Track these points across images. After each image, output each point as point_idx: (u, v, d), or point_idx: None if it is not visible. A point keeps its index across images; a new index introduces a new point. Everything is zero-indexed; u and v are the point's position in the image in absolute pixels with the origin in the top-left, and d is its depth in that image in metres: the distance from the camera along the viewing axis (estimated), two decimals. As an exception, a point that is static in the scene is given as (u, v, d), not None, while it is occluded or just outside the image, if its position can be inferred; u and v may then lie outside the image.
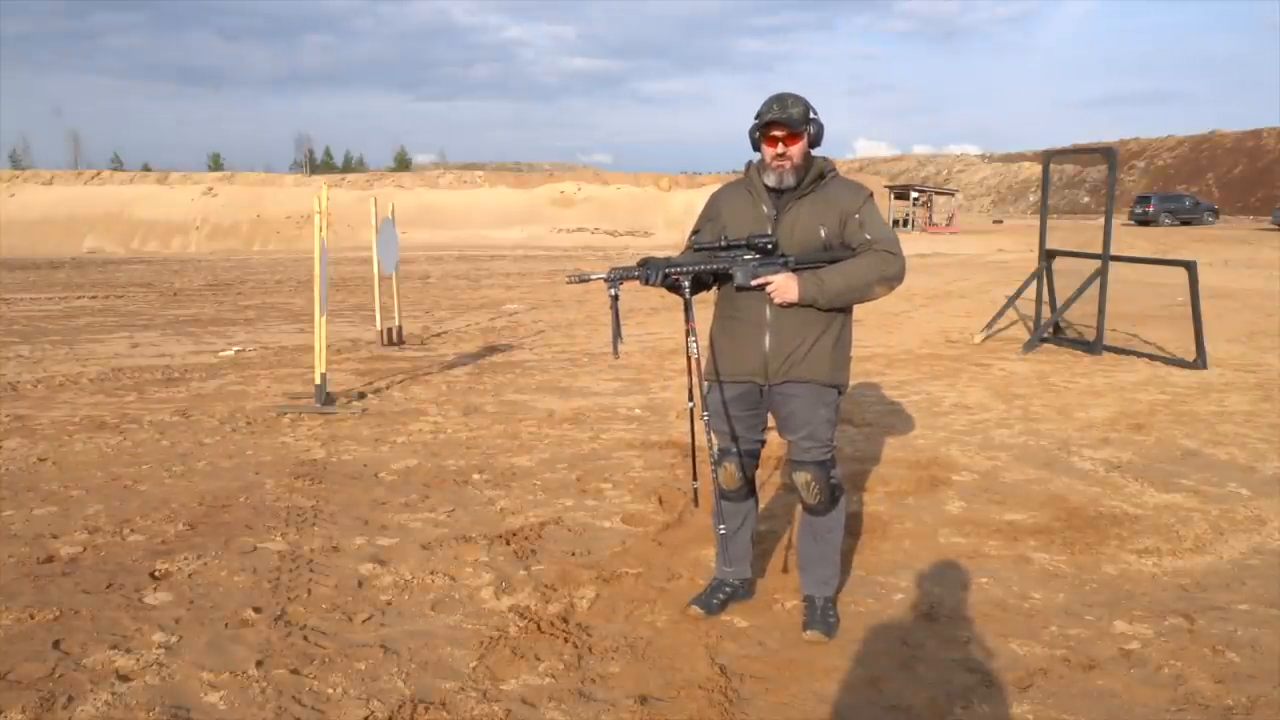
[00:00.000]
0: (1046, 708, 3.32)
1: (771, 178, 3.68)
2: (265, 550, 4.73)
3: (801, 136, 3.63)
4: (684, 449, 6.61)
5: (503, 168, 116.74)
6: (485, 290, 19.46)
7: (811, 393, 3.75)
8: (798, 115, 3.60)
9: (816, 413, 3.77)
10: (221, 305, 16.54)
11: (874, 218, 3.70)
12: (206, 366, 10.13)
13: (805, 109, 3.63)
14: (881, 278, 3.63)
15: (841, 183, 3.74)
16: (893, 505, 5.51)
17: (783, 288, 3.61)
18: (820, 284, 3.60)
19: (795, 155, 3.65)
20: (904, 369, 9.98)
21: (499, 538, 4.93)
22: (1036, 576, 4.47)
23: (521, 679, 3.49)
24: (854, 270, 3.62)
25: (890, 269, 3.63)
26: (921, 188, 56.78)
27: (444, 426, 7.38)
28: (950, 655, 3.70)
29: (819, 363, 3.73)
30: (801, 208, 3.70)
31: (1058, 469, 6.22)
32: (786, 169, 3.66)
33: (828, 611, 3.90)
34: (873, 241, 3.63)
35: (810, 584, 3.96)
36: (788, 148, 3.64)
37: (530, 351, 11.31)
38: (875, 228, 3.67)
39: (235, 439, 6.97)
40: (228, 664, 3.56)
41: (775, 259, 3.65)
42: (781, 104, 3.63)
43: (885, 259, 3.63)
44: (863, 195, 3.71)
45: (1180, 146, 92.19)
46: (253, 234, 39.34)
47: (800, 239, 3.68)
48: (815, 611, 3.89)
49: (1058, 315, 11.35)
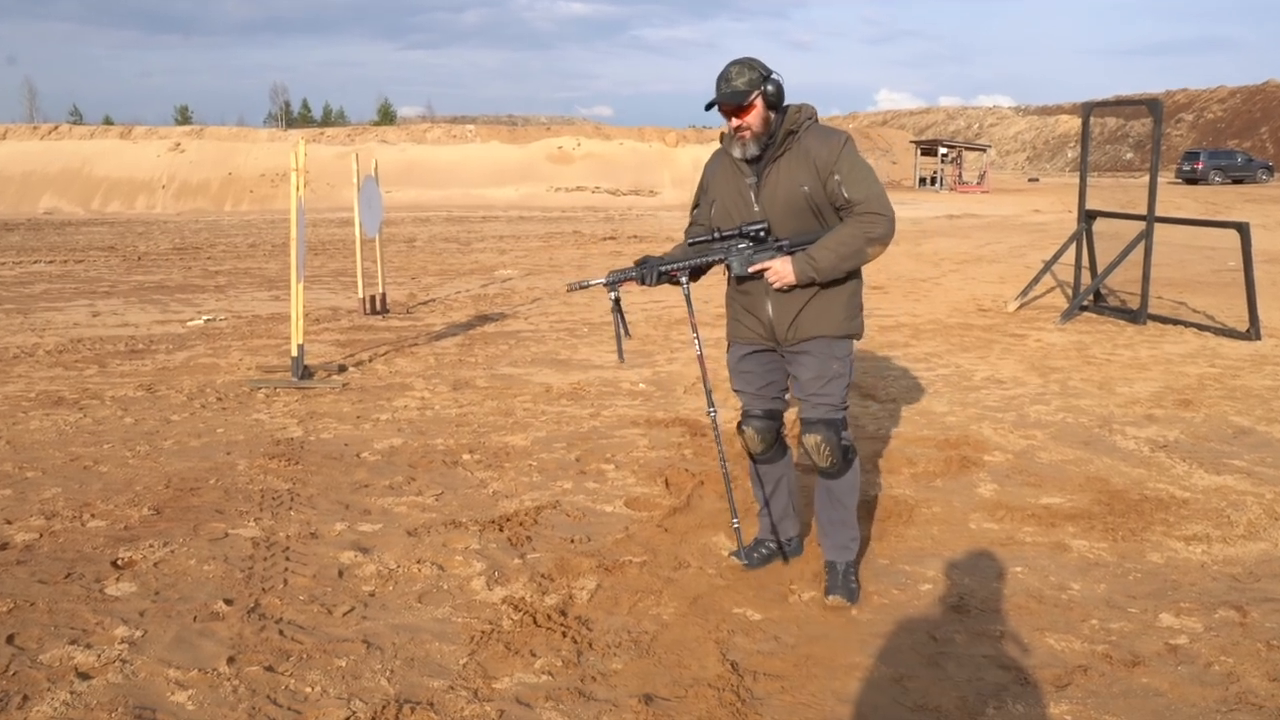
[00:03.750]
0: (1086, 708, 3.30)
1: (736, 149, 3.92)
2: (237, 537, 4.72)
3: (753, 106, 3.83)
4: (693, 427, 6.61)
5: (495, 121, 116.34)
6: (476, 254, 19.41)
7: (821, 347, 3.98)
8: (743, 86, 3.80)
9: (828, 366, 3.98)
10: (190, 271, 16.52)
11: (854, 173, 3.83)
12: (174, 337, 10.11)
13: (751, 75, 3.81)
14: (869, 240, 3.81)
15: (816, 133, 3.89)
16: (919, 488, 5.48)
17: (779, 272, 3.87)
18: (812, 262, 3.83)
19: (754, 123, 3.85)
20: (931, 340, 9.94)
21: (491, 523, 4.92)
22: (1075, 565, 4.45)
23: (516, 677, 3.48)
24: (841, 240, 3.81)
25: (876, 229, 3.80)
26: (950, 143, 56.52)
27: (431, 402, 7.37)
28: (982, 651, 3.68)
29: (826, 316, 3.96)
30: (780, 169, 3.90)
31: (1098, 449, 6.19)
32: (748, 139, 3.87)
33: (849, 577, 4.09)
34: (853, 203, 3.81)
35: (831, 549, 4.15)
36: (742, 119, 3.85)
37: (525, 321, 11.29)
38: (854, 185, 3.82)
39: (205, 416, 6.95)
40: (196, 660, 3.55)
41: (769, 244, 3.91)
42: (726, 80, 3.83)
43: (869, 221, 3.80)
44: (837, 146, 3.84)
45: (1232, 98, 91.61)
46: (224, 193, 39.26)
47: (784, 201, 3.90)
48: (837, 577, 4.09)
49: (1098, 282, 11.29)
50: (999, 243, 21.43)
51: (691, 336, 4.05)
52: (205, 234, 25.16)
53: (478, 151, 43.65)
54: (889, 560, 4.50)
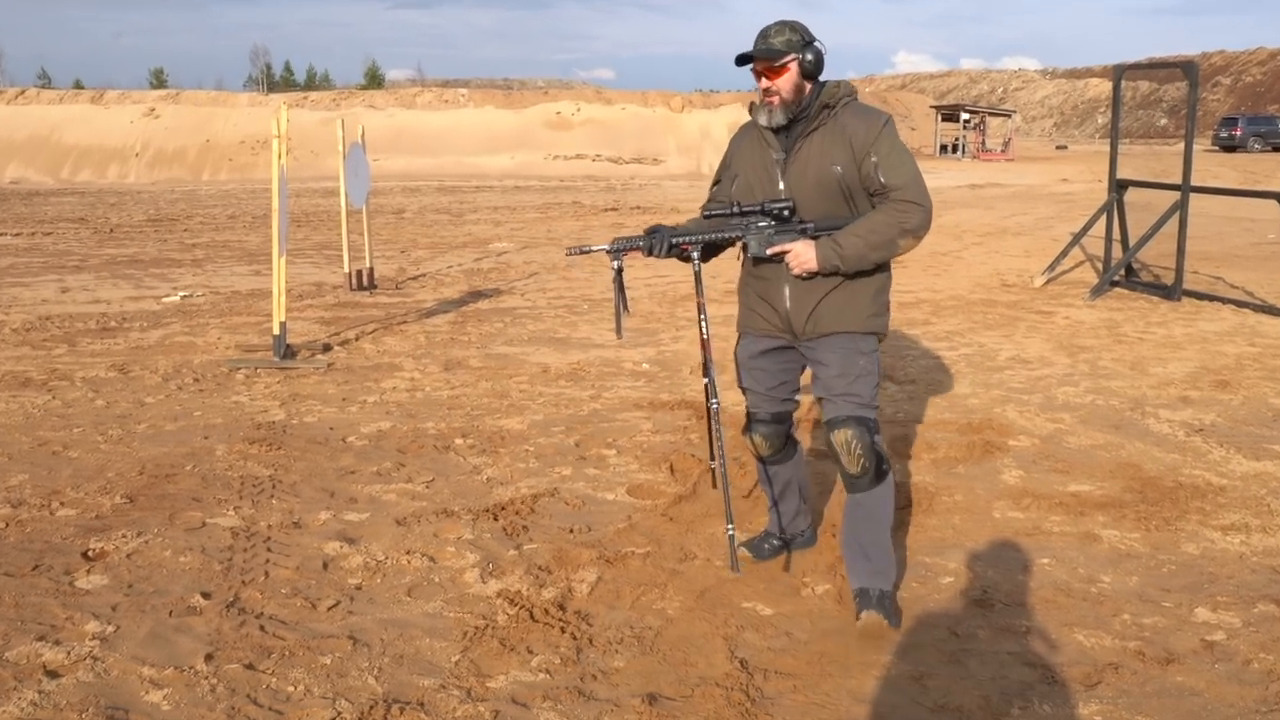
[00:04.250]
0: (1117, 708, 3.30)
1: (762, 115, 3.79)
2: (215, 526, 4.71)
3: (787, 69, 3.71)
4: (699, 410, 6.59)
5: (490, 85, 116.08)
6: (469, 226, 19.38)
7: (844, 343, 3.83)
8: (779, 44, 3.70)
9: (853, 362, 3.83)
10: (165, 244, 16.49)
11: (892, 156, 3.70)
12: (148, 314, 10.11)
13: (791, 37, 3.71)
14: (903, 231, 3.68)
15: (855, 111, 3.77)
16: (940, 474, 5.48)
17: (800, 255, 3.73)
18: (838, 248, 3.69)
19: (784, 89, 3.73)
20: (953, 317, 9.92)
21: (485, 512, 4.91)
22: (1106, 557, 4.45)
23: (511, 675, 3.47)
24: (871, 228, 3.68)
25: (911, 219, 3.67)
26: (973, 108, 56.42)
27: (422, 384, 7.36)
28: (1006, 648, 3.67)
29: (849, 310, 3.82)
30: (811, 145, 3.77)
31: (1130, 432, 6.18)
32: (775, 105, 3.75)
33: (885, 602, 3.81)
34: (889, 189, 3.69)
35: (863, 575, 3.85)
36: (772, 81, 3.73)
37: (522, 297, 11.27)
38: (892, 170, 3.69)
39: (181, 398, 6.95)
40: (172, 658, 3.55)
41: (793, 225, 3.77)
42: (763, 35, 3.73)
43: (904, 210, 3.67)
44: (877, 126, 3.72)
45: (1272, 60, 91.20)
46: (201, 161, 39.18)
47: (814, 181, 3.77)
48: (870, 599, 3.80)
49: (1130, 255, 11.26)
50: (1024, 214, 21.37)
51: (698, 318, 3.94)
52: (181, 205, 25.12)
53: (471, 117, 43.51)
54: (908, 552, 4.50)
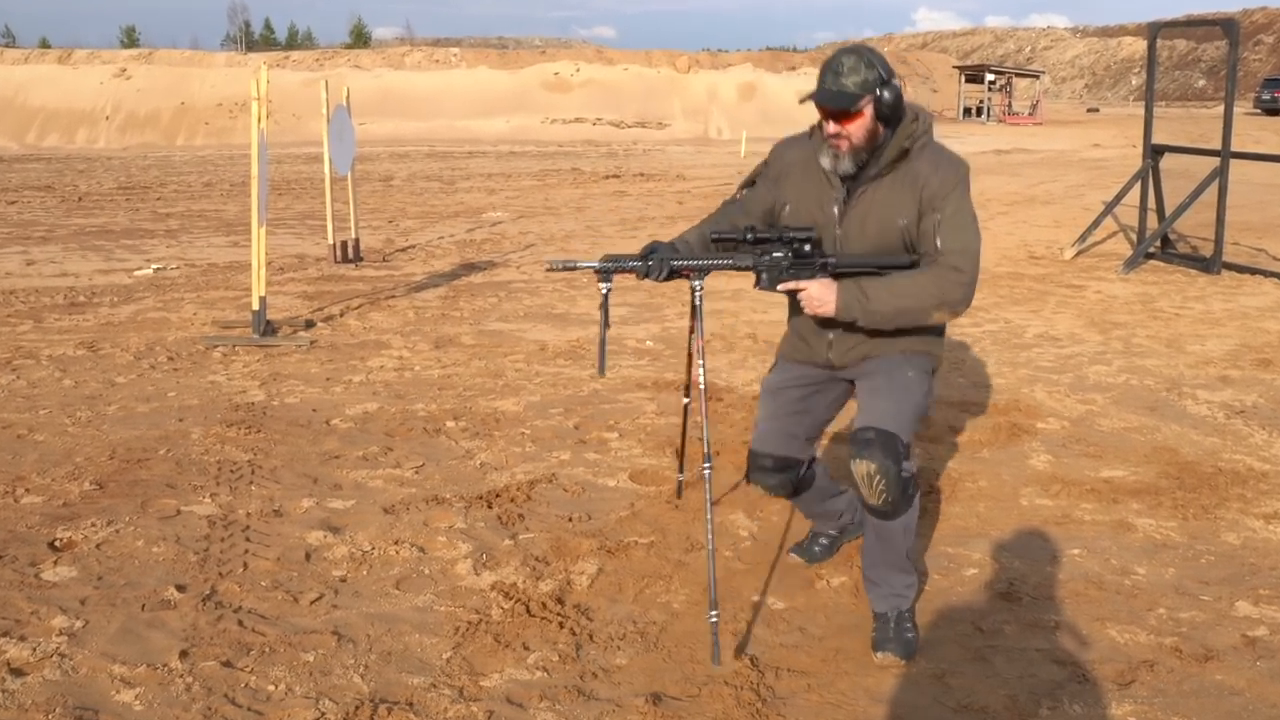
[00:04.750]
0: (1153, 708, 3.29)
1: (826, 158, 3.57)
2: (191, 515, 4.71)
3: (861, 114, 3.46)
4: (707, 390, 6.57)
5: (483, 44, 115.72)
6: (461, 195, 19.34)
7: (893, 359, 3.68)
8: (853, 86, 3.42)
9: (898, 375, 3.65)
10: (137, 213, 16.46)
11: (957, 218, 3.49)
12: (119, 289, 10.09)
13: (867, 75, 3.42)
14: (941, 303, 3.50)
15: (932, 157, 3.54)
16: (964, 459, 5.47)
17: (817, 297, 3.51)
18: (864, 300, 3.48)
19: (855, 135, 3.48)
20: (978, 291, 9.84)
21: (479, 499, 4.91)
22: (1140, 547, 4.44)
23: (506, 673, 3.47)
24: (909, 289, 3.48)
25: (955, 292, 3.48)
26: (999, 69, 56.22)
27: (411, 362, 7.35)
28: (1034, 644, 3.67)
29: (901, 337, 3.65)
30: (878, 192, 3.56)
31: (1166, 414, 6.18)
32: (844, 151, 3.52)
33: (904, 626, 3.68)
34: (943, 252, 3.49)
35: (880, 599, 3.73)
36: (842, 126, 3.48)
37: (517, 270, 11.25)
38: (953, 233, 3.49)
39: (154, 378, 6.94)
40: (145, 655, 3.54)
41: (812, 259, 3.54)
42: (833, 72, 3.45)
43: (950, 279, 3.48)
44: (952, 180, 3.51)
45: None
46: (175, 126, 39.10)
47: (876, 231, 3.56)
48: (888, 628, 3.68)
49: (1166, 225, 11.23)
50: (1053, 181, 21.32)
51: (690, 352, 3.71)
52: (155, 171, 25.08)
53: (463, 78, 43.40)
54: (930, 542, 4.49)
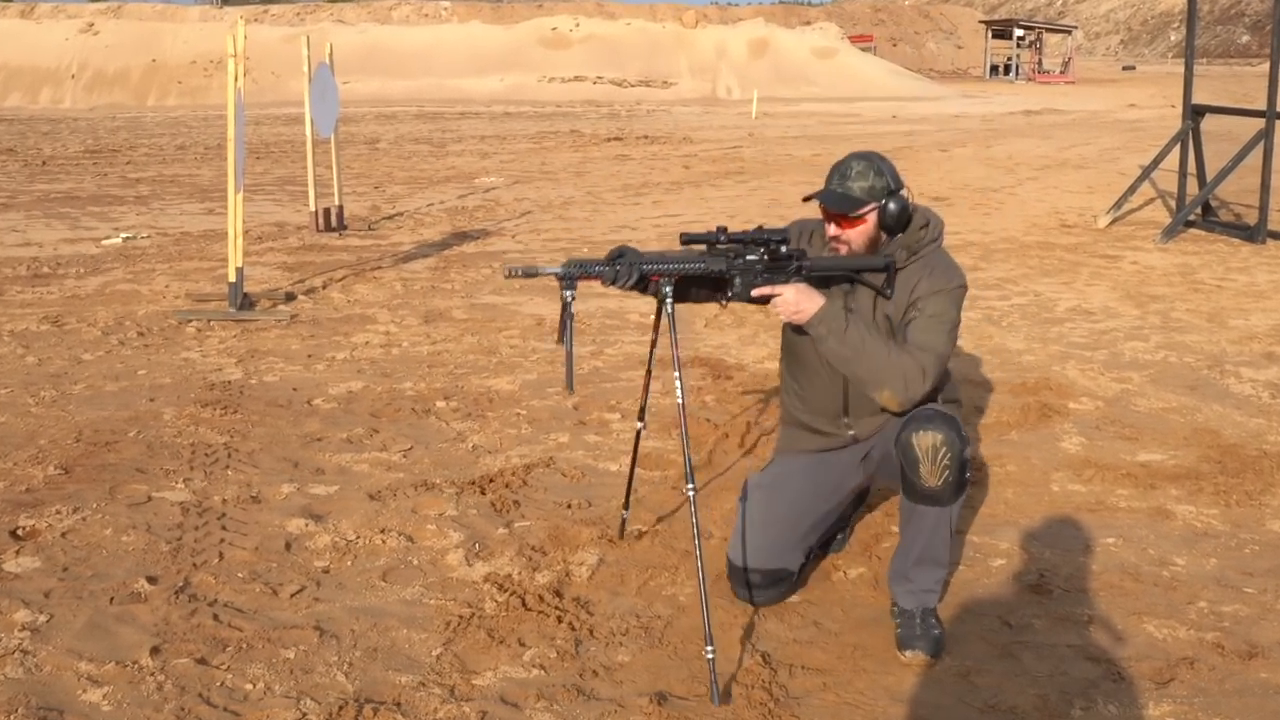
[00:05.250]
0: (1193, 708, 3.28)
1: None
2: (163, 501, 4.70)
3: (864, 220, 3.61)
4: (714, 368, 6.58)
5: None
6: (453, 159, 19.32)
7: None
8: (859, 192, 3.58)
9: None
10: (105, 178, 16.45)
11: (934, 320, 3.59)
12: (86, 259, 10.08)
13: (875, 183, 3.58)
14: (899, 390, 3.55)
15: (933, 264, 3.68)
16: (991, 442, 5.46)
17: (793, 302, 3.54)
18: (843, 328, 3.54)
19: (856, 240, 3.64)
20: (1005, 262, 9.89)
21: (471, 485, 4.90)
22: (1180, 536, 4.43)
23: (501, 671, 3.46)
24: (882, 357, 3.54)
25: (915, 388, 3.55)
26: (1028, 23, 56.06)
27: (398, 338, 7.34)
28: (1066, 640, 3.66)
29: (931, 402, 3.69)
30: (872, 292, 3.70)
31: (1208, 394, 6.16)
32: (843, 255, 3.68)
33: (930, 622, 3.64)
34: (908, 344, 3.58)
35: (908, 595, 3.68)
36: (843, 230, 3.64)
37: (512, 239, 11.24)
38: (924, 332, 3.59)
39: (123, 354, 6.93)
40: (113, 651, 3.53)
41: (789, 261, 3.58)
42: (841, 175, 3.61)
43: (916, 375, 3.54)
44: (944, 288, 3.63)
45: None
46: (146, 85, 39.04)
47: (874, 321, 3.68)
48: (914, 624, 3.63)
49: (1207, 192, 11.19)
50: (1087, 144, 21.27)
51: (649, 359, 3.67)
52: (124, 134, 25.05)
53: (454, 34, 43.29)
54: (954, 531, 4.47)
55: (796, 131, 25.88)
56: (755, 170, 17.65)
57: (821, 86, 42.24)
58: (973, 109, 34.15)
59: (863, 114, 32.45)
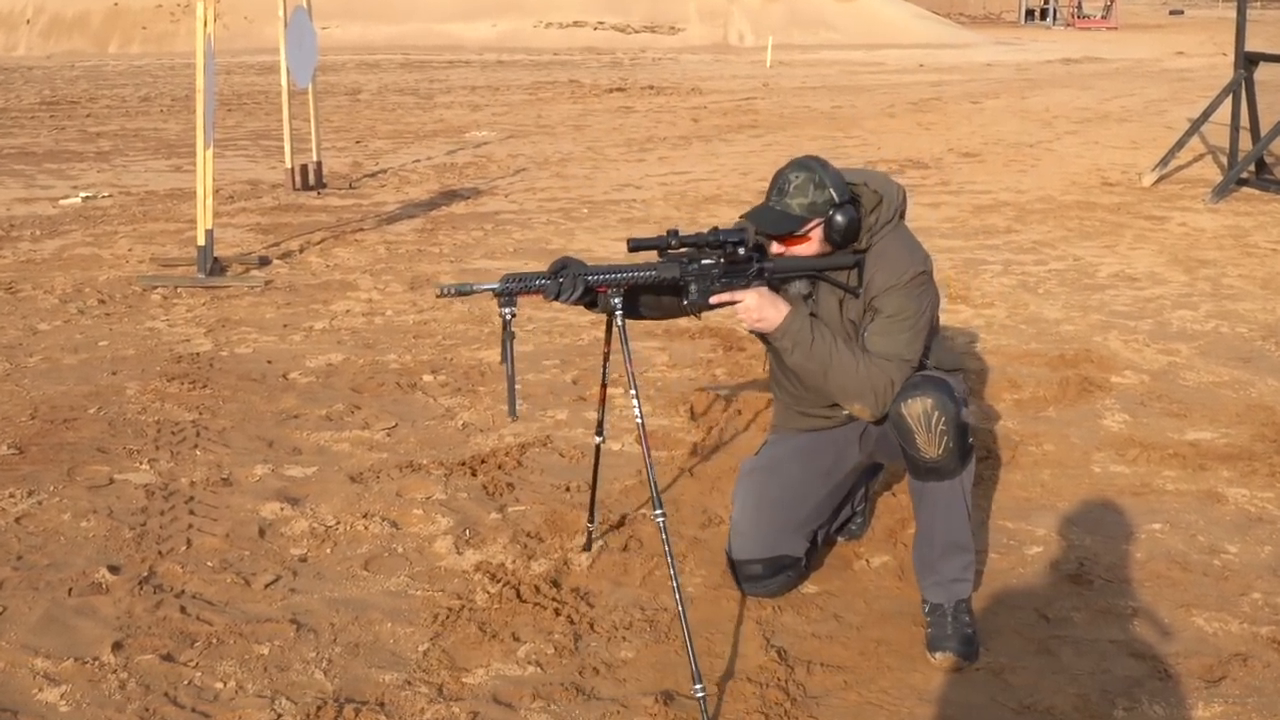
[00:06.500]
0: (1246, 708, 3.28)
1: None
2: (126, 484, 4.70)
3: (807, 238, 3.57)
4: (725, 339, 6.57)
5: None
6: (441, 111, 19.28)
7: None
8: (798, 209, 3.52)
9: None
10: (63, 132, 16.42)
11: (893, 320, 3.56)
12: (41, 220, 10.07)
13: (815, 198, 3.52)
14: (869, 404, 3.55)
15: (882, 253, 3.62)
16: (1026, 419, 5.45)
17: (755, 309, 3.51)
18: (810, 341, 3.53)
19: (804, 253, 3.61)
20: (1041, 223, 9.87)
21: (461, 466, 4.91)
22: (1232, 521, 4.42)
23: (493, 668, 3.47)
24: (850, 370, 3.53)
25: (883, 400, 3.53)
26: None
27: (382, 306, 7.34)
28: (1108, 635, 3.66)
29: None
30: (833, 295, 3.68)
31: (1262, 367, 6.16)
32: None
33: (961, 618, 3.60)
34: (870, 353, 3.56)
35: (935, 588, 3.65)
36: (788, 247, 3.60)
37: (506, 199, 11.22)
38: (884, 337, 3.56)
39: (83, 324, 6.93)
40: (72, 647, 3.54)
41: (748, 263, 3.53)
42: (779, 190, 3.57)
43: (884, 387, 3.52)
44: (899, 279, 3.58)
45: None
46: (107, 30, 38.93)
47: (843, 325, 3.68)
48: (946, 622, 3.59)
49: (1262, 147, 11.15)
50: (1130, 95, 21.22)
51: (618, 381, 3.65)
52: (83, 84, 24.98)
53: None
54: (987, 515, 4.48)
55: (815, 82, 25.77)
56: (770, 124, 17.59)
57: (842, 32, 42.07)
58: (1006, 57, 34.05)
59: (886, 62, 32.32)
